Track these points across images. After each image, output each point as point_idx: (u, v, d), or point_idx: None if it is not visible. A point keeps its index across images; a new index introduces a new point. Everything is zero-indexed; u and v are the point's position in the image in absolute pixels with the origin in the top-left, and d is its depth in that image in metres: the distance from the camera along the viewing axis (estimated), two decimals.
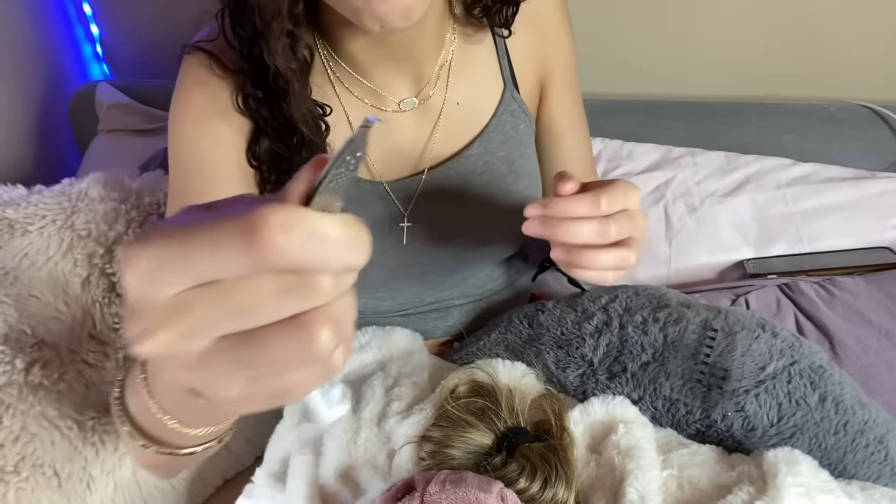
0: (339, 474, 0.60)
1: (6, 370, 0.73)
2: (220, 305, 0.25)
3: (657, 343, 0.63)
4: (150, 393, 0.38)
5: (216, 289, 0.25)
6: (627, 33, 1.19)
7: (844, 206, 1.00)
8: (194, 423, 0.40)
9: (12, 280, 0.79)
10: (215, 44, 0.64)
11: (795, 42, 1.13)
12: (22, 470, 0.70)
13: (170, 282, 0.25)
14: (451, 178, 0.72)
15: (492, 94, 0.73)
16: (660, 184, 1.06)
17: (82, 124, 1.36)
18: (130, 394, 0.43)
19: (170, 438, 0.42)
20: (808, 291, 0.88)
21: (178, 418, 0.38)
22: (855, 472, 0.57)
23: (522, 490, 0.52)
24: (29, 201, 0.85)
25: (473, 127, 0.73)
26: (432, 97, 0.71)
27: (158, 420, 0.38)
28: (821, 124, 1.09)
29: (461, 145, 0.73)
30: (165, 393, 0.37)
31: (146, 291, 0.25)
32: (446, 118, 0.71)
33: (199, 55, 0.63)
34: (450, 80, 0.71)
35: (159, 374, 0.36)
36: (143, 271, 0.25)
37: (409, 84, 0.69)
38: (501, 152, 0.74)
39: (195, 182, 0.62)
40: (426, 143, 0.72)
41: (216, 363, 0.26)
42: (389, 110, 0.70)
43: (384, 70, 0.67)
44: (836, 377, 0.60)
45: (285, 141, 0.63)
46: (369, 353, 0.70)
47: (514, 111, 0.74)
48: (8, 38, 1.27)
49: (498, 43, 0.73)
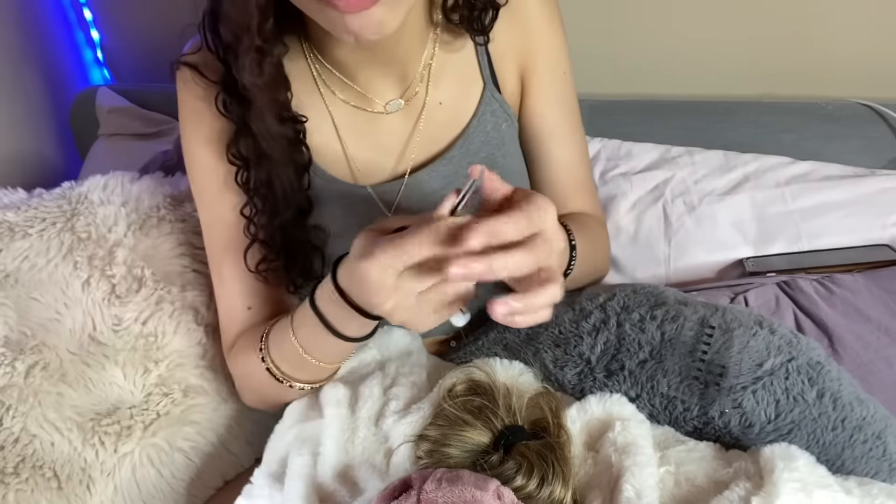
0: (336, 474, 0.60)
1: (6, 372, 0.74)
2: (418, 279, 0.49)
3: (654, 341, 0.63)
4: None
5: (416, 268, 0.49)
6: (625, 32, 1.19)
7: (844, 203, 1.00)
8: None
9: (13, 283, 0.80)
10: (200, 54, 0.66)
11: (793, 40, 1.13)
12: (22, 471, 0.70)
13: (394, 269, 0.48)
14: (434, 180, 0.71)
15: (472, 93, 0.72)
16: (658, 183, 1.06)
17: (83, 129, 1.37)
18: (325, 303, 0.59)
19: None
20: (807, 289, 0.87)
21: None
22: (853, 467, 0.57)
23: (519, 488, 0.52)
24: (29, 204, 0.86)
25: (455, 127, 0.72)
26: (416, 98, 0.70)
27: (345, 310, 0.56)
28: (819, 123, 1.09)
29: (443, 145, 0.72)
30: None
31: (383, 277, 0.49)
32: (428, 119, 0.71)
33: (184, 71, 0.67)
34: (431, 81, 0.70)
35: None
36: (380, 266, 0.48)
37: (393, 85, 0.69)
38: (483, 153, 0.73)
39: (209, 193, 0.72)
40: (407, 143, 0.71)
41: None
42: (375, 111, 0.70)
43: (369, 72, 0.67)
44: (834, 373, 0.60)
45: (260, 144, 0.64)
46: (368, 354, 0.70)
47: (495, 111, 0.73)
48: (8, 43, 1.28)
49: (477, 38, 0.71)
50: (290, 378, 0.67)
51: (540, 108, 0.76)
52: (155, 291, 0.80)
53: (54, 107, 1.39)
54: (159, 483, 0.77)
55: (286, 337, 0.64)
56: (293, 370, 0.66)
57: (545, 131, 0.77)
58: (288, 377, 0.67)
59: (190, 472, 0.79)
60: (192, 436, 0.79)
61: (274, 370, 0.67)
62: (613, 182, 1.07)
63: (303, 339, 0.63)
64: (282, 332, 0.65)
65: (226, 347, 0.75)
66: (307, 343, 0.63)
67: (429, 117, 0.71)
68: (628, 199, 1.06)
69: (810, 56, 1.14)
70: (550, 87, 0.76)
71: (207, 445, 0.80)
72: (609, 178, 1.08)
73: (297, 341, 0.63)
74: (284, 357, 0.66)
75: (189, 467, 0.79)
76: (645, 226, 1.04)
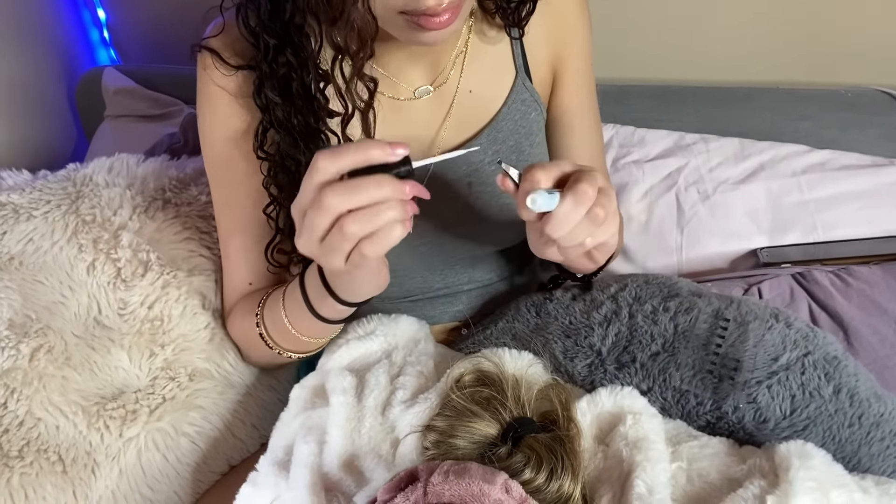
0: (342, 463, 0.60)
1: (11, 355, 0.73)
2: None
3: (667, 333, 0.62)
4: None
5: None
6: (640, 16, 1.17)
7: (861, 194, 0.98)
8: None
9: (17, 265, 0.79)
10: (223, 37, 0.66)
11: (811, 25, 1.11)
12: (26, 455, 0.70)
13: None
14: (460, 167, 0.71)
15: (503, 82, 0.73)
16: (672, 171, 1.05)
17: (89, 110, 1.36)
18: (310, 281, 0.63)
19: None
20: (822, 281, 0.86)
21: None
22: (870, 465, 0.56)
23: (528, 481, 0.51)
24: (34, 186, 0.85)
25: (484, 115, 0.72)
26: (446, 85, 0.70)
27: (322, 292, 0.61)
28: (838, 110, 1.07)
29: (472, 133, 0.72)
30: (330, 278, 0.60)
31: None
32: (458, 106, 0.71)
33: (205, 55, 0.66)
34: (464, 68, 0.71)
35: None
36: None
37: (424, 72, 0.70)
38: (511, 141, 0.73)
39: (224, 176, 0.73)
40: (438, 130, 0.71)
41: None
42: (403, 98, 0.69)
43: (400, 58, 0.67)
44: (851, 368, 0.59)
45: (294, 136, 0.64)
46: (375, 342, 0.70)
47: (526, 100, 0.74)
48: (14, 23, 1.27)
49: (512, 30, 0.72)
50: (279, 346, 0.71)
51: (570, 98, 0.77)
52: (161, 276, 0.79)
53: (60, 87, 1.38)
54: (164, 468, 0.76)
55: (277, 306, 0.68)
56: (281, 339, 0.71)
57: (574, 121, 0.78)
58: (278, 345, 0.71)
59: (195, 456, 0.79)
60: (197, 420, 0.78)
61: (266, 337, 0.71)
62: (626, 170, 1.06)
63: (289, 312, 0.67)
64: (274, 302, 0.69)
65: (226, 311, 0.79)
66: (292, 315, 0.67)
67: (459, 105, 0.71)
68: (640, 187, 1.04)
69: (829, 42, 1.12)
70: (581, 78, 0.77)
71: (213, 430, 0.80)
72: (621, 166, 1.06)
73: (284, 313, 0.67)
74: (275, 326, 0.70)
75: (195, 452, 0.78)
76: (657, 214, 1.02)
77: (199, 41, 0.67)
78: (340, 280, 0.60)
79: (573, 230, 0.52)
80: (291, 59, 0.61)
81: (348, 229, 0.49)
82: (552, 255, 0.57)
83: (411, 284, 0.76)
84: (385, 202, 0.49)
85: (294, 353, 0.72)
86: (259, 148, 0.66)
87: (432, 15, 0.53)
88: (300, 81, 0.62)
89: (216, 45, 0.66)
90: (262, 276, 0.75)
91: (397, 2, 0.53)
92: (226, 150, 0.70)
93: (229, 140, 0.69)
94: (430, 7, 0.52)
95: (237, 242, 0.74)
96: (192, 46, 0.68)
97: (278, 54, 0.61)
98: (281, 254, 0.72)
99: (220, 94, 0.67)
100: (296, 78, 0.62)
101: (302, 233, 0.51)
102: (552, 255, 0.57)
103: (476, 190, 0.72)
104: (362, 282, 0.60)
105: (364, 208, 0.48)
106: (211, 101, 0.68)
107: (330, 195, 0.48)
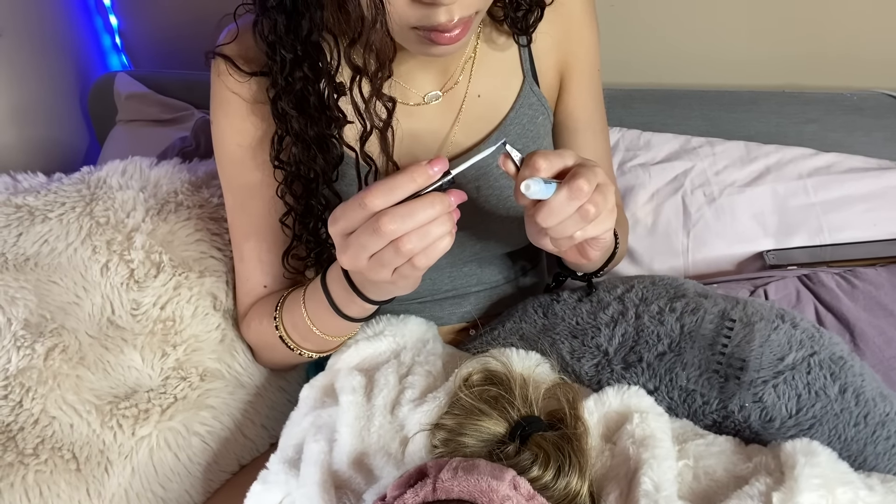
0: (352, 461, 0.60)
1: (26, 354, 0.74)
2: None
3: (674, 333, 0.63)
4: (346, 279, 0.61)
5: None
6: (645, 21, 1.17)
7: (867, 196, 0.98)
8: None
9: (32, 266, 0.80)
10: (235, 45, 0.67)
11: (817, 29, 1.11)
12: (41, 453, 0.71)
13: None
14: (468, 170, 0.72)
15: (511, 87, 0.74)
16: (678, 174, 1.05)
17: (101, 115, 1.37)
18: (333, 282, 0.64)
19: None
20: (828, 282, 0.86)
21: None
22: (875, 464, 0.56)
23: (535, 478, 0.51)
24: (49, 189, 0.86)
25: (493, 119, 0.73)
26: (455, 90, 0.71)
27: (349, 293, 0.62)
28: (843, 113, 1.07)
29: (481, 136, 0.73)
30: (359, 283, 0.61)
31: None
32: (467, 110, 0.72)
33: (219, 62, 0.67)
34: (473, 74, 0.71)
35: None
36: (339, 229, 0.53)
37: (434, 77, 0.70)
38: (518, 145, 0.74)
39: (237, 182, 0.74)
40: (447, 134, 0.72)
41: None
42: (413, 103, 0.70)
43: (411, 65, 0.68)
44: (857, 368, 0.59)
45: (310, 146, 0.65)
46: (383, 342, 0.70)
47: (533, 104, 0.74)
48: (27, 29, 1.28)
49: (520, 38, 0.72)
50: (299, 346, 0.72)
51: (576, 103, 0.78)
52: (173, 277, 0.81)
53: (73, 92, 1.40)
54: (176, 466, 0.77)
55: (297, 307, 0.69)
56: (302, 340, 0.72)
57: (579, 126, 0.79)
58: (297, 345, 0.72)
59: (206, 455, 0.79)
60: (208, 420, 0.79)
61: (285, 337, 0.72)
62: (632, 173, 1.06)
63: (311, 312, 0.68)
64: (294, 303, 0.70)
65: (240, 314, 0.80)
66: (314, 316, 0.68)
67: (468, 109, 0.72)
68: (647, 190, 1.05)
69: (834, 45, 1.12)
70: (588, 83, 0.78)
71: (224, 430, 0.81)
72: (627, 169, 1.07)
73: (306, 313, 0.68)
74: (296, 327, 0.71)
75: (206, 451, 0.79)
76: (663, 217, 1.03)
77: (211, 48, 0.68)
78: (376, 286, 0.60)
79: (563, 223, 0.53)
80: (308, 73, 0.62)
81: (404, 248, 0.51)
82: (546, 244, 0.58)
83: (420, 286, 0.76)
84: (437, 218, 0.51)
85: (315, 352, 0.73)
86: (276, 157, 0.67)
87: (444, 31, 0.54)
88: (317, 96, 0.63)
89: (230, 52, 0.67)
90: (277, 280, 0.76)
91: (410, 18, 0.54)
92: (239, 154, 0.71)
93: (243, 145, 0.70)
94: (442, 23, 0.53)
95: (252, 246, 0.75)
96: (206, 53, 0.69)
97: (294, 69, 0.62)
98: (296, 259, 0.73)
99: (235, 100, 0.68)
100: (312, 92, 0.63)
101: (348, 251, 0.53)
102: (546, 244, 0.58)
103: (484, 193, 0.73)
104: (403, 287, 0.60)
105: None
106: (225, 106, 0.69)
107: (388, 223, 0.50)
